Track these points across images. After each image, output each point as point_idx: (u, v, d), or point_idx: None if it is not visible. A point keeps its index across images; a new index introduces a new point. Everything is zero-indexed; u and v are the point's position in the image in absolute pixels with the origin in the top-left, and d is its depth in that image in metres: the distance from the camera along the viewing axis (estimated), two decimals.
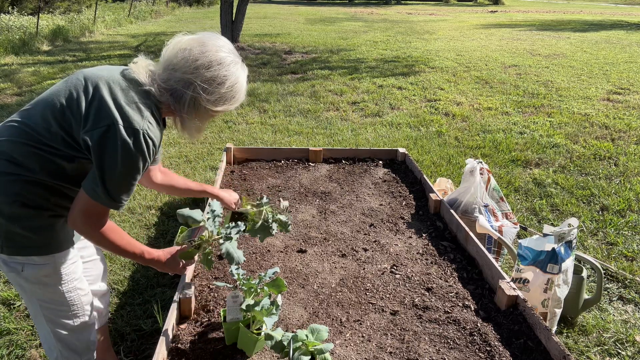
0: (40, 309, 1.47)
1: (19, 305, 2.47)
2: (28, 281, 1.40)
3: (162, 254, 1.56)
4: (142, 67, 1.39)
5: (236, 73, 1.40)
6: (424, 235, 2.48)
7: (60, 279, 1.43)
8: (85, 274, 1.63)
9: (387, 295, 1.98)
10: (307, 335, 1.49)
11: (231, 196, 2.08)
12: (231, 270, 1.71)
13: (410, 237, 2.46)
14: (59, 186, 1.37)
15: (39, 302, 1.45)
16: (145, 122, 1.31)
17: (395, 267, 2.17)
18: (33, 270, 1.38)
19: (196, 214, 1.63)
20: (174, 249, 1.60)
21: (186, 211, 1.62)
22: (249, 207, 1.75)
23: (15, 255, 1.36)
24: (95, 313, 1.69)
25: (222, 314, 1.72)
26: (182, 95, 1.35)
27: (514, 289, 1.89)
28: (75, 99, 1.31)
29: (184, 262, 1.62)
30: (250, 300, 1.60)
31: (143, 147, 1.30)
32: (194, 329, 1.76)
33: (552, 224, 3.28)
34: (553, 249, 2.04)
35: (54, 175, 1.35)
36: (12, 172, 1.31)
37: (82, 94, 1.32)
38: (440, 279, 2.10)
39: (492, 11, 26.99)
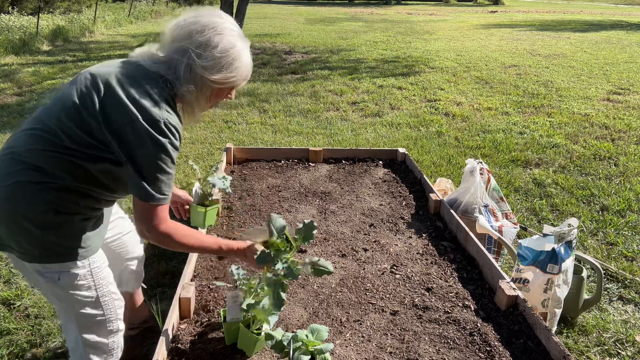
0: (74, 317, 1.47)
1: (19, 305, 2.47)
2: (64, 289, 1.40)
3: (242, 245, 1.55)
4: (143, 52, 1.39)
5: (231, 39, 1.34)
6: (424, 235, 2.48)
7: (95, 283, 1.44)
8: (125, 245, 1.76)
9: (387, 295, 1.98)
10: (307, 335, 1.49)
11: (181, 198, 1.98)
12: (231, 270, 1.71)
13: (410, 237, 2.46)
14: (87, 189, 1.37)
15: (74, 309, 1.45)
16: (163, 111, 1.29)
17: (395, 267, 2.17)
18: (69, 277, 1.38)
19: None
20: (252, 244, 1.57)
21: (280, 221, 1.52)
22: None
23: (52, 263, 1.35)
24: (132, 275, 1.88)
25: (222, 314, 1.72)
26: (178, 64, 1.32)
27: (514, 289, 1.89)
28: (88, 99, 1.29)
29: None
30: (250, 300, 1.60)
31: (168, 135, 1.28)
32: (194, 329, 1.76)
33: (552, 224, 3.28)
34: (553, 249, 2.04)
35: (81, 179, 1.34)
36: (40, 180, 1.30)
37: (93, 92, 1.30)
38: (440, 279, 2.10)
39: (492, 11, 26.98)
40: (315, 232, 1.51)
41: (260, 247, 1.55)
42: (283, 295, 1.46)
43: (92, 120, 1.28)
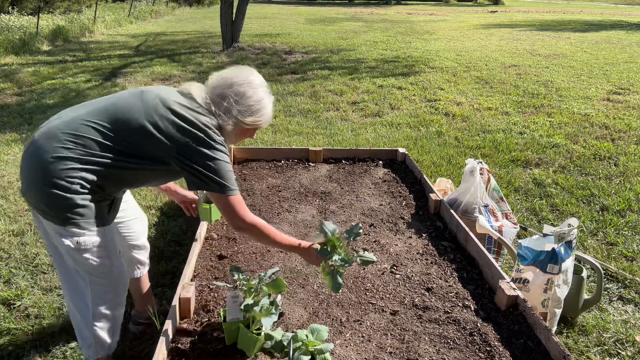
0: (89, 285, 1.63)
1: (19, 305, 2.47)
2: (85, 253, 1.58)
3: (307, 244, 1.80)
4: (193, 88, 1.71)
5: (261, 93, 1.73)
6: (424, 235, 2.48)
7: (109, 253, 1.65)
8: (130, 229, 1.99)
9: (387, 295, 1.98)
10: (307, 335, 1.49)
11: (188, 197, 2.27)
12: (231, 270, 1.72)
13: (410, 237, 2.46)
14: (115, 180, 1.62)
15: (89, 276, 1.62)
16: (217, 134, 1.64)
17: (395, 267, 2.17)
18: (88, 242, 1.57)
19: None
20: (312, 245, 1.80)
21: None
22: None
23: (75, 227, 1.54)
24: (140, 265, 2.08)
25: (222, 314, 1.73)
26: (220, 105, 1.68)
27: (514, 289, 1.89)
28: (156, 121, 1.58)
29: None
30: (250, 300, 1.60)
31: (224, 149, 1.65)
32: (194, 329, 1.76)
33: (552, 224, 3.28)
34: (553, 249, 2.04)
35: (118, 174, 1.60)
36: (86, 159, 1.53)
37: (163, 116, 1.59)
38: (440, 279, 2.10)
39: (492, 11, 26.99)
40: (361, 230, 1.77)
41: (318, 247, 1.77)
42: (340, 280, 1.66)
43: (157, 139, 1.57)
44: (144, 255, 2.12)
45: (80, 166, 1.53)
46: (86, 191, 1.54)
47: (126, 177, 1.64)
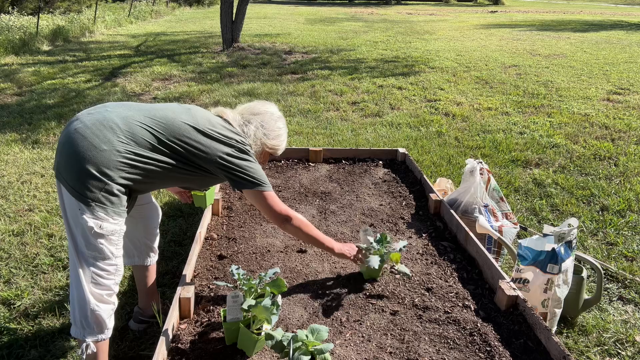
0: (89, 269, 1.67)
1: (19, 305, 2.47)
2: (100, 237, 1.66)
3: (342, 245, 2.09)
4: (230, 113, 1.99)
5: (280, 124, 2.07)
6: (424, 235, 2.48)
7: (117, 244, 1.73)
8: (147, 215, 2.13)
9: (387, 295, 1.98)
10: (307, 335, 1.49)
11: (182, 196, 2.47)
12: (231, 270, 1.72)
13: (410, 237, 2.46)
14: (153, 179, 1.77)
15: (95, 260, 1.68)
16: (250, 148, 1.92)
17: (395, 267, 2.17)
18: (108, 227, 1.67)
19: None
20: (352, 246, 2.11)
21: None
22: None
23: (102, 211, 1.64)
24: (151, 252, 2.20)
25: (222, 314, 1.73)
26: (249, 127, 1.99)
27: (514, 289, 1.89)
28: (204, 137, 1.81)
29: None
30: (250, 300, 1.60)
31: (253, 153, 1.95)
32: (194, 329, 1.76)
33: (552, 224, 3.28)
34: (553, 249, 2.04)
35: (157, 175, 1.76)
36: (133, 160, 1.68)
37: (210, 132, 1.82)
38: (440, 279, 2.10)
39: (492, 11, 26.98)
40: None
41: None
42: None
43: (208, 148, 1.79)
44: (156, 242, 2.21)
45: (130, 162, 1.68)
46: (124, 183, 1.67)
47: (165, 178, 1.81)
